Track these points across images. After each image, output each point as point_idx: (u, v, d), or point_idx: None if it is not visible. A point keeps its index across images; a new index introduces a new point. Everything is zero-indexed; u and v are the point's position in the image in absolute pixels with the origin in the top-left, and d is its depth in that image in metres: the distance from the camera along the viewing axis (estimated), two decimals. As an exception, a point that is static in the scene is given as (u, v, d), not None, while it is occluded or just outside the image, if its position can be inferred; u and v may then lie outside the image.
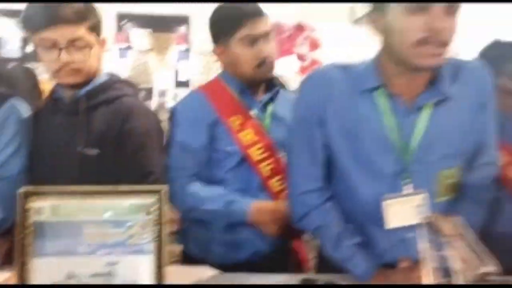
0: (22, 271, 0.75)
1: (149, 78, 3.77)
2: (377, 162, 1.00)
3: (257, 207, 1.24)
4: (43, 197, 0.76)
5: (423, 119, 0.98)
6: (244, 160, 1.29)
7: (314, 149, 1.05)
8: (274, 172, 1.30)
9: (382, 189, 1.00)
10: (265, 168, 1.29)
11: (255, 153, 1.29)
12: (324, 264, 1.14)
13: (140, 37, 3.82)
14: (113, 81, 1.26)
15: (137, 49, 3.79)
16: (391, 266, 1.00)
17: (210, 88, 1.37)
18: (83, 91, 1.20)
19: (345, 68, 1.05)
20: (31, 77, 1.78)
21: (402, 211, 1.00)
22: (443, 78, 0.98)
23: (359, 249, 1.03)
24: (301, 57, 3.68)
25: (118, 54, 3.75)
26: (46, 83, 1.43)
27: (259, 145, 1.29)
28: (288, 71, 3.32)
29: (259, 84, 1.34)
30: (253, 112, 1.32)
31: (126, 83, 1.31)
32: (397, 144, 0.99)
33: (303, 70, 3.60)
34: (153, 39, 3.81)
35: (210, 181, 1.29)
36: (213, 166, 1.30)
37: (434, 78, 0.98)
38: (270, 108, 1.35)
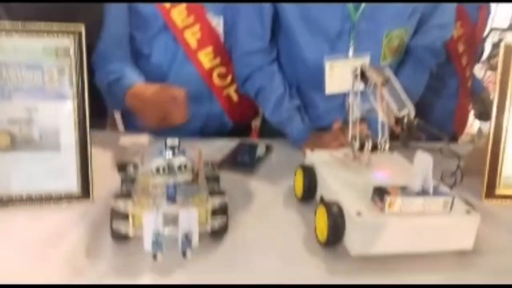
0: None
1: None
2: (323, 20, 0.95)
3: (135, 90, 1.00)
4: None
5: None
6: (166, 27, 1.06)
7: (261, 6, 0.98)
8: (203, 43, 1.09)
9: (326, 50, 0.97)
10: (191, 37, 1.08)
11: (178, 18, 1.06)
12: (266, 129, 1.16)
13: None
14: None
15: None
16: (328, 129, 1.02)
17: None
18: None
19: None
20: None
21: (343, 75, 0.99)
22: None
23: (298, 112, 1.03)
24: None
25: None
26: None
27: (182, 6, 1.06)
28: None
29: None
30: None
31: None
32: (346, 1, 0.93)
33: None
34: None
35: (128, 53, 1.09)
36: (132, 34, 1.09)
37: None
38: None
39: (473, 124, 1.53)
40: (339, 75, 0.99)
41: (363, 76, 0.73)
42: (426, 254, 0.63)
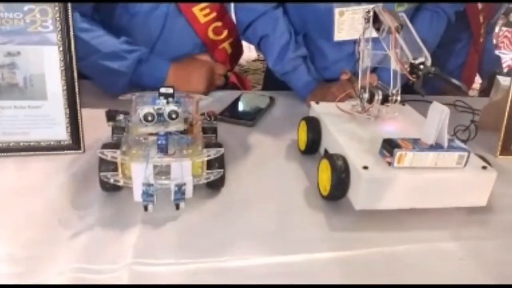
0: None
1: None
2: None
3: (176, 72, 0.97)
4: None
5: None
6: None
7: None
8: None
9: None
10: None
11: None
12: (270, 80, 1.10)
13: None
14: None
15: None
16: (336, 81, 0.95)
17: None
18: None
19: None
20: None
21: (354, 21, 0.91)
22: None
23: (303, 62, 0.97)
24: None
25: None
26: None
27: None
28: None
29: None
30: None
31: None
32: None
33: None
34: None
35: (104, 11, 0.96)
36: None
37: None
38: None
39: (479, 81, 1.46)
40: (349, 22, 0.92)
41: (376, 20, 0.66)
42: (436, 210, 0.59)
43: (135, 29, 0.99)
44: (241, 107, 0.95)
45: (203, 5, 1.01)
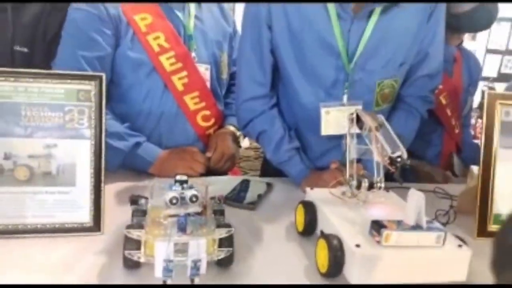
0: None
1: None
2: (319, 68, 1.03)
3: (162, 158, 1.12)
4: (-23, 78, 0.75)
5: (368, 27, 1.00)
6: (154, 70, 1.11)
7: (262, 54, 1.06)
8: (189, 88, 1.15)
9: (322, 97, 1.05)
10: (178, 81, 1.14)
11: (167, 62, 1.11)
12: (267, 168, 1.21)
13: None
14: None
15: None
16: (325, 169, 1.07)
17: None
18: None
19: None
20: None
21: (339, 119, 1.06)
22: None
23: (297, 153, 1.09)
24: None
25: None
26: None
27: (170, 53, 1.11)
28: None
29: None
30: (170, 10, 1.13)
31: None
32: (341, 51, 1.01)
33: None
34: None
35: (113, 97, 1.12)
36: (118, 78, 1.12)
37: None
38: (193, 9, 1.18)
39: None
40: (334, 119, 1.06)
41: (359, 120, 0.80)
42: (422, 285, 0.67)
43: (136, 120, 1.16)
44: (242, 191, 1.04)
45: (194, 94, 1.17)
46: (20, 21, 1.22)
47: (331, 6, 0.99)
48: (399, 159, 0.71)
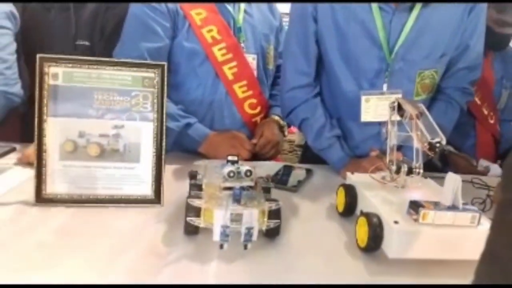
0: (40, 129, 0.86)
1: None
2: (361, 58, 1.08)
3: (211, 140, 1.21)
4: (58, 64, 0.86)
5: (410, 19, 1.05)
6: (207, 60, 1.22)
7: (307, 45, 1.13)
8: (238, 76, 1.25)
9: (363, 85, 1.10)
10: (228, 70, 1.24)
11: (218, 53, 1.22)
12: (308, 155, 1.28)
13: None
14: None
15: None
16: (365, 157, 1.12)
17: None
18: None
19: None
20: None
21: (378, 107, 1.11)
22: None
23: (337, 140, 1.15)
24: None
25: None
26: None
27: (222, 44, 1.22)
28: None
29: None
30: (223, 5, 1.24)
31: None
32: (382, 42, 1.06)
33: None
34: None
35: (170, 85, 1.11)
36: (174, 67, 1.22)
37: None
38: (243, 5, 1.28)
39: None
40: (373, 107, 1.11)
41: (400, 108, 0.85)
42: (457, 261, 0.72)
43: (189, 105, 1.25)
44: (284, 176, 1.11)
45: (242, 83, 1.26)
46: (81, 18, 1.34)
47: None
48: (438, 145, 0.75)
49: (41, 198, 0.85)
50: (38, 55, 0.84)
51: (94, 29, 1.34)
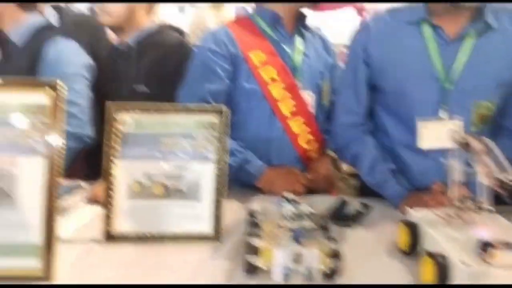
0: (109, 170, 0.92)
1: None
2: (418, 89, 1.08)
3: (268, 175, 1.23)
4: (127, 111, 0.93)
5: (465, 49, 1.04)
6: (264, 98, 1.28)
7: (358, 86, 1.17)
8: (295, 113, 1.30)
9: (420, 115, 1.09)
10: (285, 108, 1.29)
11: (275, 91, 1.28)
12: (364, 190, 1.26)
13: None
14: (161, 28, 1.51)
15: (195, 5, 3.92)
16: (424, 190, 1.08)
17: (235, 22, 1.38)
18: (134, 37, 1.48)
19: (394, 10, 1.15)
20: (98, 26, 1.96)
21: (435, 133, 1.08)
22: (486, 12, 1.04)
23: (392, 175, 1.13)
24: (360, 11, 3.51)
25: (177, 9, 3.92)
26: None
27: (280, 84, 1.28)
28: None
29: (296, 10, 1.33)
30: (281, 47, 1.31)
31: (173, 28, 1.53)
32: (439, 72, 1.06)
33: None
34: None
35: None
36: (233, 106, 1.23)
37: (476, 14, 1.04)
38: (300, 46, 1.34)
39: None
40: (431, 134, 1.09)
41: (464, 143, 0.82)
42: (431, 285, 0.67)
43: (246, 142, 1.30)
44: (341, 210, 1.10)
45: (299, 119, 1.30)
46: (140, 64, 1.45)
47: (426, 30, 1.06)
48: (507, 181, 0.72)
49: (109, 236, 0.91)
50: (107, 102, 0.92)
51: (153, 75, 1.43)
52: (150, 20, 1.52)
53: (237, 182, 1.24)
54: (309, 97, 1.33)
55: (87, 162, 1.50)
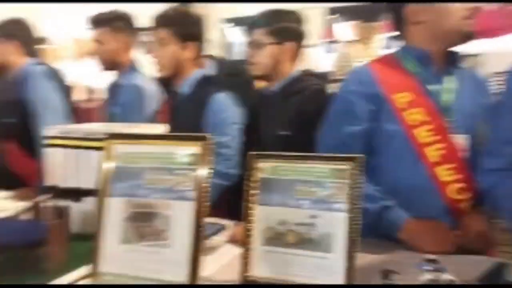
0: (248, 215, 0.98)
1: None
2: None
3: (412, 227, 1.13)
4: (266, 159, 0.99)
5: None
6: (408, 143, 1.20)
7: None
8: (444, 159, 1.18)
9: None
10: (433, 152, 1.19)
11: (422, 135, 1.19)
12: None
13: (346, 29, 3.99)
14: (303, 75, 1.62)
15: (343, 42, 3.98)
16: None
17: (379, 62, 1.34)
18: (279, 85, 1.60)
19: None
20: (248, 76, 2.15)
21: None
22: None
23: None
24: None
25: (325, 48, 4.03)
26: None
27: (428, 126, 1.19)
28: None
29: (459, 42, 1.24)
30: (429, 88, 1.23)
31: (315, 75, 1.61)
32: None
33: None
34: (358, 29, 3.92)
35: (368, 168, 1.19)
36: (372, 149, 1.23)
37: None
38: (450, 84, 1.24)
39: None
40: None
41: None
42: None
43: (386, 187, 1.22)
44: (499, 277, 0.94)
45: (449, 166, 1.17)
46: (284, 110, 1.55)
47: None
48: None
49: (245, 280, 0.95)
50: (248, 153, 0.99)
51: (295, 119, 1.51)
52: (294, 68, 1.62)
53: (373, 232, 1.18)
54: (461, 140, 1.21)
55: (231, 200, 1.64)
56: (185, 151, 0.89)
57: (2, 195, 1.66)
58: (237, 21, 4.27)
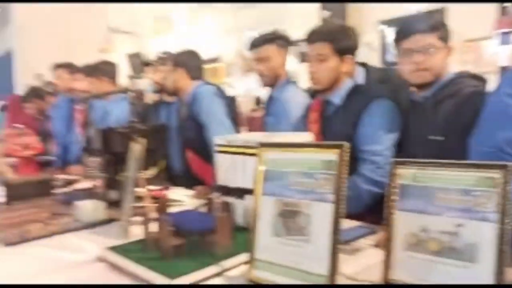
0: (390, 220, 1.00)
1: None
2: None
3: None
4: (407, 166, 1.00)
5: None
6: None
7: None
8: None
9: None
10: None
11: None
12: None
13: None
14: (457, 77, 1.52)
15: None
16: None
17: None
18: (431, 90, 1.53)
19: None
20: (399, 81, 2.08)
21: None
22: None
23: None
24: None
25: (500, 40, 3.56)
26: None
27: None
28: None
29: None
30: None
31: (471, 77, 1.47)
32: None
33: None
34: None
35: None
36: None
37: None
38: None
39: None
40: None
41: None
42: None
43: None
44: None
45: None
46: (436, 114, 1.48)
47: None
48: None
49: (386, 283, 0.98)
50: (392, 160, 1.02)
51: (448, 124, 1.43)
52: (448, 70, 1.54)
53: None
54: None
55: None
56: (324, 157, 0.98)
57: (186, 192, 2.02)
58: (394, 23, 4.12)
